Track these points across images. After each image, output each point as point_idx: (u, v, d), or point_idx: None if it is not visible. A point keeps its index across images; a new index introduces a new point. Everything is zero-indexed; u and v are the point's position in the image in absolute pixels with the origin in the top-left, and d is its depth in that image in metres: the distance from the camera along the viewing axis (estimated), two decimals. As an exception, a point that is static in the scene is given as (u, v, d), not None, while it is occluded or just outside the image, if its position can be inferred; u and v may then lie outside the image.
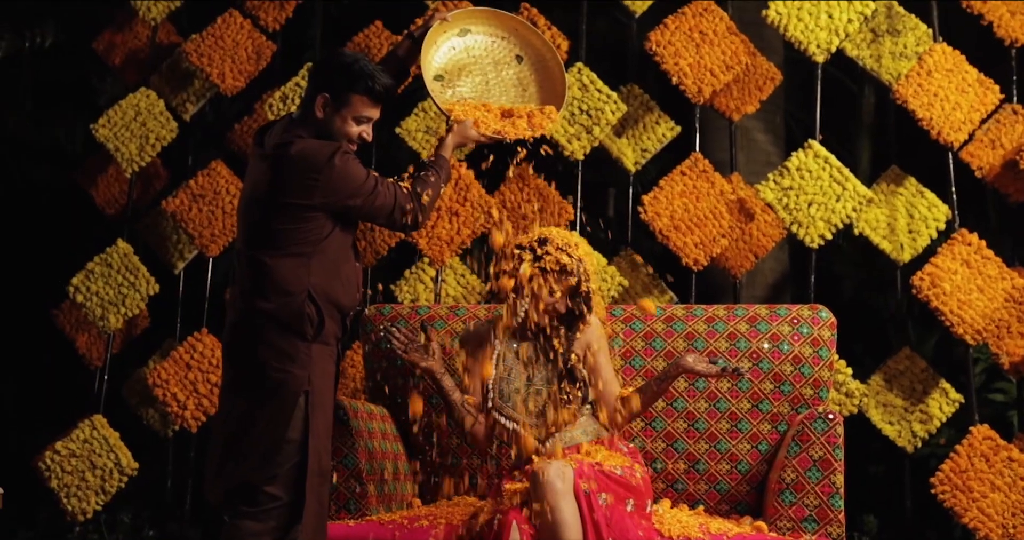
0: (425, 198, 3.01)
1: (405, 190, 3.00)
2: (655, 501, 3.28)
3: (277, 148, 2.93)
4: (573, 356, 3.11)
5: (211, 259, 4.96)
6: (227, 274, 5.21)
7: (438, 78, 3.36)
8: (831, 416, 3.07)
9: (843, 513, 2.98)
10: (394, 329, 3.15)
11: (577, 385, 3.09)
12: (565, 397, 3.07)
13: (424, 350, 3.15)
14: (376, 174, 2.97)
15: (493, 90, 3.39)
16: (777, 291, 5.50)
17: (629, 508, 2.89)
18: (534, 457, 3.04)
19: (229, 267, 4.99)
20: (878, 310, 5.82)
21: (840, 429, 3.05)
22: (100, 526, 4.95)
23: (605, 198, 6.41)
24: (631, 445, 3.20)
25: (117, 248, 4.95)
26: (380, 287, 4.68)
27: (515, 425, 3.11)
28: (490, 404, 3.14)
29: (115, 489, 4.75)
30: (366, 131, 3.01)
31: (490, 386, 3.15)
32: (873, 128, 6.46)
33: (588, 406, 3.15)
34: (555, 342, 3.12)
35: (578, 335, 3.14)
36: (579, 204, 4.68)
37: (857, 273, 6.07)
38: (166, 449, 5.01)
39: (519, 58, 3.46)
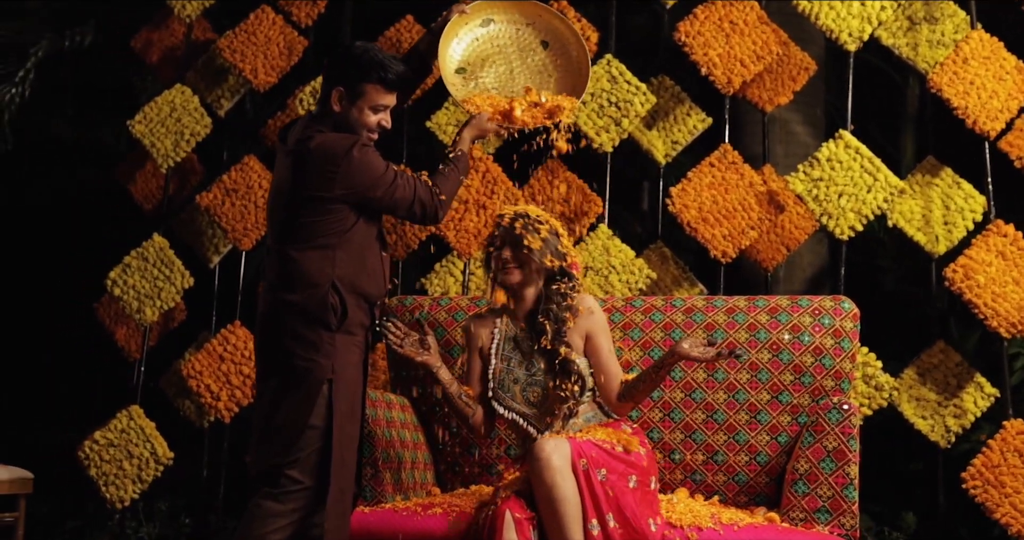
0: (444, 192, 3.08)
1: (425, 184, 3.05)
2: (672, 491, 3.27)
3: (298, 143, 3.00)
4: (563, 349, 3.06)
5: (244, 253, 5.02)
6: (260, 267, 5.27)
7: (460, 70, 3.37)
8: (846, 407, 3.03)
9: (857, 505, 2.94)
10: (389, 324, 3.17)
11: (572, 378, 3.05)
12: (561, 393, 3.05)
13: (420, 344, 3.17)
14: (396, 167, 3.03)
15: (518, 78, 3.39)
16: (815, 285, 5.43)
17: (632, 484, 2.88)
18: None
19: (262, 261, 5.05)
20: (919, 304, 5.71)
21: (855, 420, 3.00)
22: (138, 514, 5.04)
23: (640, 192, 6.38)
24: (635, 425, 3.18)
25: (153, 242, 5.04)
26: (397, 281, 4.70)
27: (513, 415, 3.12)
28: (490, 394, 3.14)
29: (151, 478, 4.83)
30: (384, 119, 3.06)
31: (490, 375, 3.15)
32: (917, 119, 6.34)
33: (589, 393, 3.11)
34: (542, 340, 3.09)
35: (569, 325, 3.10)
36: (607, 196, 4.66)
37: (897, 266, 5.97)
38: (202, 440, 5.08)
39: (545, 44, 3.45)
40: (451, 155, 3.17)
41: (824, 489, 2.98)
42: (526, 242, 3.09)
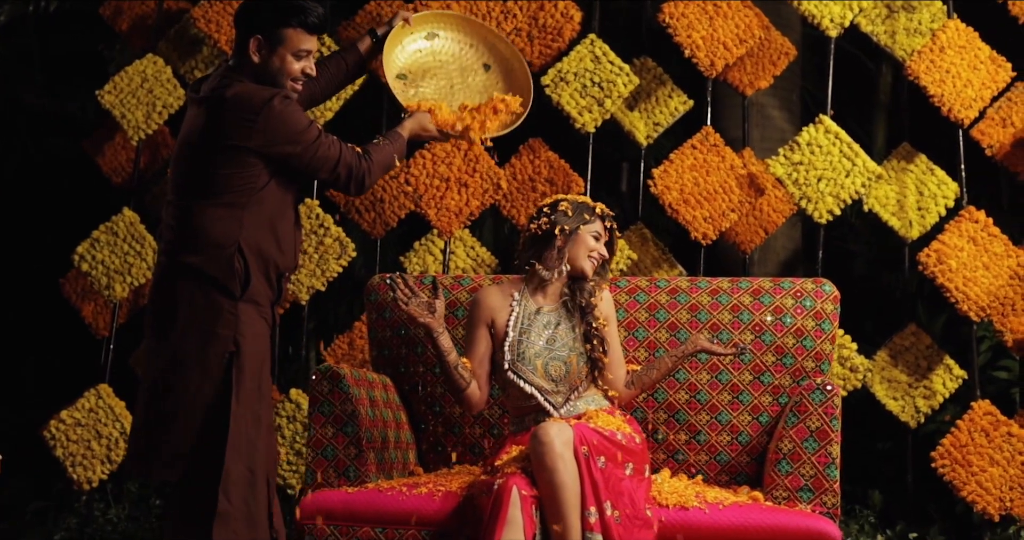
0: (374, 161, 2.97)
1: (352, 149, 2.94)
2: (656, 471, 3.29)
3: (213, 91, 2.87)
4: (599, 318, 3.15)
5: (218, 228, 4.95)
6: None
7: (401, 77, 3.37)
8: (829, 387, 3.07)
9: (838, 483, 2.98)
10: (400, 280, 3.10)
11: (597, 343, 3.12)
12: (588, 354, 3.10)
13: (427, 307, 3.11)
14: (321, 127, 2.92)
15: (457, 94, 3.41)
16: (789, 268, 5.49)
17: (628, 472, 2.90)
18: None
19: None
20: (890, 287, 5.80)
21: (838, 400, 3.04)
22: (107, 495, 4.97)
23: (619, 172, 6.38)
24: (628, 414, 3.21)
25: (123, 217, 4.95)
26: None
27: (532, 388, 3.10)
28: (507, 365, 3.12)
29: (121, 458, 4.76)
30: (308, 66, 2.95)
31: (507, 347, 3.13)
32: (889, 106, 6.42)
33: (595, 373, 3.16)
34: (586, 297, 3.16)
35: (595, 301, 3.17)
36: (590, 177, 4.66)
37: (869, 250, 6.05)
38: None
39: (486, 67, 3.47)
40: (387, 134, 3.09)
41: (807, 468, 3.02)
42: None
